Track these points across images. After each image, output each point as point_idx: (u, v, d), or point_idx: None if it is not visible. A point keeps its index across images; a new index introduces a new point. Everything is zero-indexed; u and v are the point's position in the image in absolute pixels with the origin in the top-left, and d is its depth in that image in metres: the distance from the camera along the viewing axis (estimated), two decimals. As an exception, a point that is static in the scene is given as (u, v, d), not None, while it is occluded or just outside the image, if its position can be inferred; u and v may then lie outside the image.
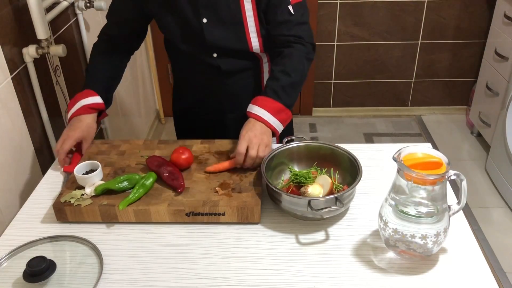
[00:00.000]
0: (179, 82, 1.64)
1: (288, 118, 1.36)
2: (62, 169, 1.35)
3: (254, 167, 1.29)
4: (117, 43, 1.50)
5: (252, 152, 1.25)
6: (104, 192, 1.20)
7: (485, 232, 2.42)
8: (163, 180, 1.24)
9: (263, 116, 1.31)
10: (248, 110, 1.34)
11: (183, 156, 1.29)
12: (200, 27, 1.38)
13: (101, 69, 1.48)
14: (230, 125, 1.57)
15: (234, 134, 1.32)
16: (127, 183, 1.21)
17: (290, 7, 1.37)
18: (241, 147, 1.25)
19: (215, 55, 1.44)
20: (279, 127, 1.34)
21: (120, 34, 1.50)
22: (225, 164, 1.29)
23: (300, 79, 1.39)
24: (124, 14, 1.46)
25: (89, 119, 1.39)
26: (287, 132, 1.45)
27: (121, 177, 1.21)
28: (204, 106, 1.59)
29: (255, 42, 1.41)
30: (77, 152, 1.39)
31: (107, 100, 1.47)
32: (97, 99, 1.41)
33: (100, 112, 1.45)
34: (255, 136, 1.27)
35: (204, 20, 1.37)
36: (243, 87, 1.52)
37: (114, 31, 1.50)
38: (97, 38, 1.53)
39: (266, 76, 1.53)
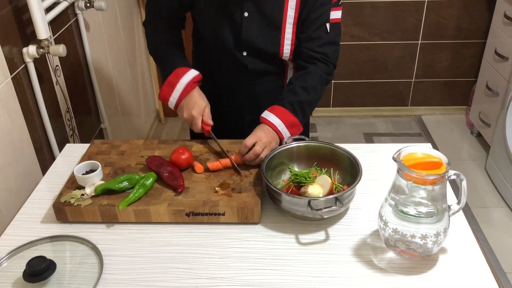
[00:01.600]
0: (202, 74, 1.62)
1: (298, 133, 1.37)
2: (204, 130, 1.37)
3: (252, 165, 1.30)
4: (167, 23, 1.49)
5: (258, 148, 1.27)
6: (104, 192, 1.20)
7: (485, 232, 2.42)
8: (163, 180, 1.24)
9: (278, 127, 1.32)
10: (263, 116, 1.35)
11: (183, 156, 1.29)
12: (240, 21, 1.38)
13: (172, 47, 1.47)
14: (247, 126, 1.55)
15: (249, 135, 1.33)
16: (127, 183, 1.21)
17: (327, 25, 1.38)
18: (249, 141, 1.28)
19: (245, 53, 1.43)
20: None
21: (166, 16, 1.48)
22: (225, 161, 1.31)
23: (317, 99, 1.41)
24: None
25: (198, 90, 1.40)
26: (303, 133, 1.44)
27: (121, 177, 1.21)
28: (224, 103, 1.58)
29: (287, 49, 1.41)
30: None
31: None
32: (194, 72, 1.40)
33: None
34: (266, 137, 1.29)
35: (246, 14, 1.37)
36: (266, 89, 1.52)
37: (161, 13, 1.47)
38: (143, 27, 1.53)
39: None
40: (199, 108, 1.35)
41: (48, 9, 1.62)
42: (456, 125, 3.36)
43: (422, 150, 1.02)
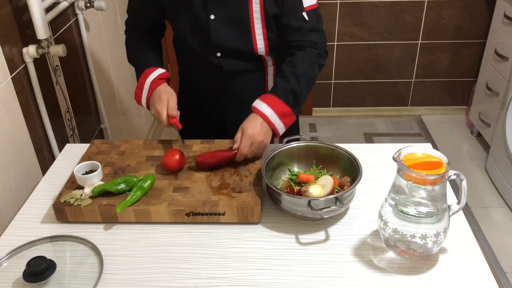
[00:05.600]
0: (184, 79, 1.64)
1: (291, 122, 1.36)
2: (170, 123, 1.37)
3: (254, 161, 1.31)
4: (144, 31, 1.52)
5: (253, 149, 1.28)
6: (101, 193, 1.20)
7: (485, 232, 2.42)
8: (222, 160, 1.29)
9: (270, 117, 1.31)
10: (254, 105, 1.33)
11: (174, 158, 1.27)
12: (207, 24, 1.38)
13: (145, 53, 1.50)
14: (231, 126, 1.56)
15: (234, 135, 1.32)
16: (124, 185, 1.20)
17: (304, 14, 1.36)
18: (244, 144, 1.28)
19: (218, 54, 1.44)
20: (282, 130, 1.34)
21: (142, 25, 1.51)
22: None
23: (309, 86, 1.39)
24: (142, 6, 1.48)
25: (164, 86, 1.41)
26: (292, 132, 1.44)
27: (119, 179, 1.21)
28: (207, 105, 1.59)
29: (260, 44, 1.41)
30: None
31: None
32: (160, 70, 1.43)
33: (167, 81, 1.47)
34: (259, 134, 1.28)
35: (212, 17, 1.37)
36: (246, 89, 1.52)
37: (136, 23, 1.52)
38: (124, 34, 1.56)
39: (270, 79, 1.53)
40: (162, 101, 1.36)
41: (48, 9, 1.62)
42: (456, 125, 3.36)
43: (422, 150, 1.02)
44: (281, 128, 1.33)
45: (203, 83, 1.55)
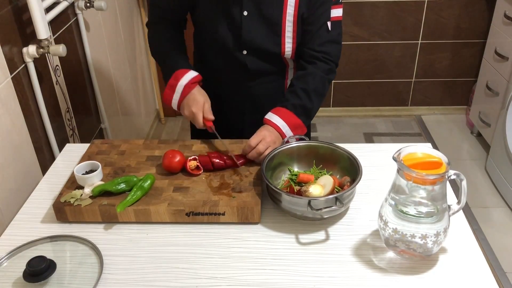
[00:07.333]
0: (201, 74, 1.60)
1: (302, 134, 1.38)
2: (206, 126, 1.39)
3: (256, 162, 1.31)
4: (170, 23, 1.49)
5: (261, 147, 1.28)
6: (101, 193, 1.20)
7: (485, 232, 2.42)
8: (220, 167, 1.29)
9: (282, 128, 1.34)
10: (267, 117, 1.36)
11: (176, 160, 1.27)
12: (239, 20, 1.38)
13: (173, 49, 1.48)
14: (248, 126, 1.54)
15: (249, 136, 1.33)
16: (124, 185, 1.20)
17: (329, 23, 1.38)
18: (253, 141, 1.29)
19: (245, 52, 1.43)
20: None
21: (169, 17, 1.48)
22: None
23: (319, 101, 1.42)
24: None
25: (197, 89, 1.41)
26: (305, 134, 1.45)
27: (119, 179, 1.21)
28: (225, 104, 1.58)
29: (288, 47, 1.41)
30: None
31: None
32: (192, 73, 1.41)
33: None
34: (270, 137, 1.31)
35: (245, 13, 1.37)
36: (266, 90, 1.52)
37: (164, 14, 1.48)
38: (147, 29, 1.53)
39: (289, 82, 1.53)
40: (198, 104, 1.37)
41: (48, 9, 1.62)
42: (456, 125, 3.36)
43: (422, 150, 1.02)
44: (288, 136, 1.35)
45: (223, 80, 1.54)
